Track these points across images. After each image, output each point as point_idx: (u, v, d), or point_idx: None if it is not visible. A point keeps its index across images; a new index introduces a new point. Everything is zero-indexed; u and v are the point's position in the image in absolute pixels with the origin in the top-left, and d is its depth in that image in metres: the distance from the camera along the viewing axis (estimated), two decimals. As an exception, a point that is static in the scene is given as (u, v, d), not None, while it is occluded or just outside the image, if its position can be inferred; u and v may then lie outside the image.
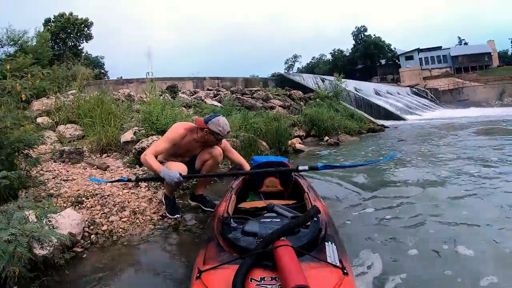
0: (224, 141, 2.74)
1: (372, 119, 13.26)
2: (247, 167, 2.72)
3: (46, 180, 3.19)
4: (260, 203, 2.06)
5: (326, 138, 8.80)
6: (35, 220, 1.63)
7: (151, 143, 3.89)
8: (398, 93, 29.46)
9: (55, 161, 3.99)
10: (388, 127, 12.51)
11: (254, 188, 2.53)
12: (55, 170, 3.61)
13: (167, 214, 2.65)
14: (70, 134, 5.21)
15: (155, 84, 6.71)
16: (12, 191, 2.75)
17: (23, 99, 2.80)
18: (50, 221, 1.70)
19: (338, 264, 1.17)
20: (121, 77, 12.50)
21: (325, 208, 1.82)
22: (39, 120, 5.64)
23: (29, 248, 1.58)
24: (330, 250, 1.27)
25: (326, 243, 1.32)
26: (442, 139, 7.99)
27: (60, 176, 3.39)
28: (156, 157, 2.39)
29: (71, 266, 1.92)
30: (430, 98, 34.90)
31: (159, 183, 3.21)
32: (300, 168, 2.22)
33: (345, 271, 1.13)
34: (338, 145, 8.07)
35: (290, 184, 2.47)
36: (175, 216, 2.62)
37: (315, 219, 1.38)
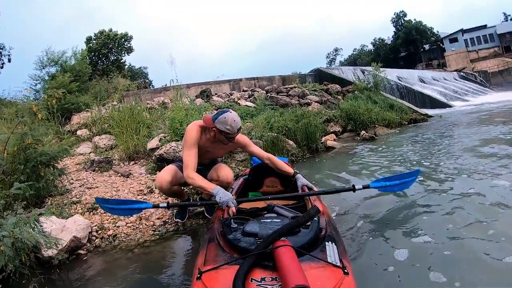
0: (244, 137, 2.51)
1: (415, 108, 12.41)
2: (274, 159, 2.44)
3: (73, 188, 3.49)
4: (260, 204, 2.05)
5: (363, 132, 8.42)
6: (33, 226, 1.81)
7: (168, 149, 4.07)
8: (445, 79, 27.22)
9: (86, 170, 4.33)
10: (433, 116, 11.65)
11: (254, 188, 2.54)
12: (84, 178, 3.92)
13: (173, 217, 2.79)
14: (104, 144, 5.62)
15: (180, 91, 6.98)
16: (39, 199, 3.04)
17: (41, 118, 3.08)
18: (41, 226, 1.88)
19: (338, 264, 1.18)
20: (165, 85, 13.00)
21: (325, 208, 1.81)
22: (79, 132, 6.13)
23: (29, 250, 1.79)
24: (331, 250, 1.28)
25: (326, 243, 1.32)
26: (484, 130, 6.58)
27: (86, 184, 3.67)
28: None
29: (70, 267, 2.14)
30: (480, 81, 31.78)
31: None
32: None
33: (345, 270, 1.13)
34: (373, 139, 7.68)
35: (290, 184, 2.44)
36: (177, 220, 2.76)
37: (315, 219, 1.38)
